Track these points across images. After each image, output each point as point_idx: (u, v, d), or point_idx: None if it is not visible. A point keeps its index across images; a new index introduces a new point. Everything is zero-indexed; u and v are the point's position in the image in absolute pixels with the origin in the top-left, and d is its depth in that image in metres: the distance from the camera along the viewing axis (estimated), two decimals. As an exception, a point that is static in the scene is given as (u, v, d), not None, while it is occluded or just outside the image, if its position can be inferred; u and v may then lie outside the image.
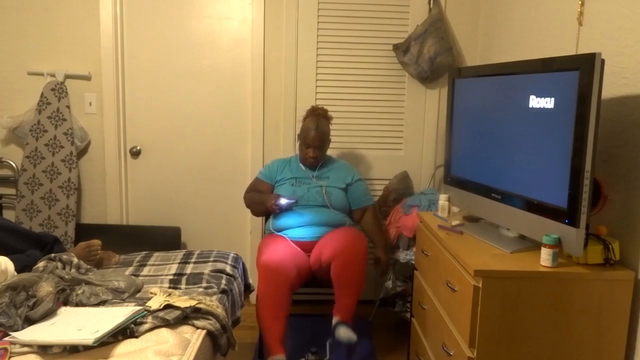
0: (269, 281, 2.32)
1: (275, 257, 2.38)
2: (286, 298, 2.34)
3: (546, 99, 1.68)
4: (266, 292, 2.33)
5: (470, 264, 1.67)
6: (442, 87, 3.14)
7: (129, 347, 1.58)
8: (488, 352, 1.63)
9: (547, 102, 1.68)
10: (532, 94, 1.75)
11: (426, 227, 2.26)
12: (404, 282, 2.89)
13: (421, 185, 3.20)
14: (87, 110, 3.13)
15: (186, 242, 3.29)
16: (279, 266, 2.34)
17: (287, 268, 2.36)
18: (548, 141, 1.67)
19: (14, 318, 1.62)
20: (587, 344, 1.63)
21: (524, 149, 1.80)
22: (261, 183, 2.83)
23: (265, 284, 2.33)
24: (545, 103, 1.69)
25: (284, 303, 2.33)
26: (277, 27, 3.11)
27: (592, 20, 1.91)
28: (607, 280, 1.60)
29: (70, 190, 3.06)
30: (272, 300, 2.32)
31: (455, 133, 2.29)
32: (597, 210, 1.66)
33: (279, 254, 2.40)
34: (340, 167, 2.84)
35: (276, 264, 2.35)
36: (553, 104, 1.65)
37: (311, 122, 2.71)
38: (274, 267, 2.34)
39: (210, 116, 3.21)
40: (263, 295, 2.33)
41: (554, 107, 1.64)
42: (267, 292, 2.32)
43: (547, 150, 1.68)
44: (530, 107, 1.75)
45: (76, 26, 3.06)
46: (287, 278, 2.34)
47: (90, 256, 2.27)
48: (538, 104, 1.72)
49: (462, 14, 3.12)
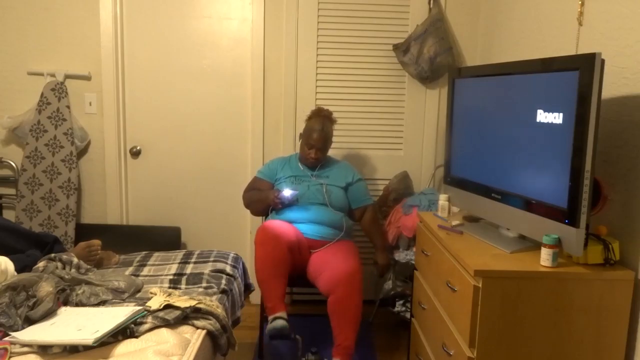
0: (267, 243, 2.36)
1: (273, 223, 2.46)
2: (284, 256, 2.36)
3: (546, 99, 1.68)
4: (264, 252, 2.36)
5: (470, 264, 1.67)
6: (442, 87, 3.14)
7: (129, 347, 1.58)
8: (488, 352, 1.63)
9: (547, 102, 1.68)
10: (532, 94, 1.76)
11: (426, 227, 2.26)
12: (404, 282, 2.89)
13: (421, 185, 3.20)
14: (87, 110, 3.13)
15: (186, 242, 3.29)
16: (276, 230, 2.40)
17: (285, 232, 2.42)
18: (548, 141, 1.67)
19: (14, 318, 1.62)
20: (587, 344, 1.63)
21: (524, 149, 1.80)
22: (261, 182, 2.82)
23: (262, 245, 2.38)
24: (545, 103, 1.69)
25: (282, 262, 2.35)
26: (277, 27, 3.11)
27: (592, 20, 1.91)
28: (607, 280, 1.60)
29: (70, 190, 3.06)
30: (270, 259, 2.34)
31: (455, 133, 2.29)
32: (597, 210, 1.66)
33: (277, 222, 2.48)
34: (340, 167, 2.84)
35: (274, 228, 2.41)
36: (553, 104, 1.65)
37: (316, 122, 2.70)
38: (272, 231, 2.39)
39: (210, 116, 3.21)
40: (261, 256, 2.36)
41: (554, 108, 1.64)
42: (264, 252, 2.36)
43: (547, 150, 1.68)
44: (530, 107, 1.75)
45: (76, 26, 3.06)
46: (285, 240, 2.39)
47: (90, 256, 2.27)
48: (538, 104, 1.72)
49: (462, 14, 3.12)
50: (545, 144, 1.69)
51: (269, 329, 2.24)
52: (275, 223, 2.49)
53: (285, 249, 2.37)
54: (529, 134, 1.76)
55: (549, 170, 1.68)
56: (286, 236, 2.42)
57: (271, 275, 2.33)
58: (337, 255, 2.47)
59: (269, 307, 2.31)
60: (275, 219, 2.65)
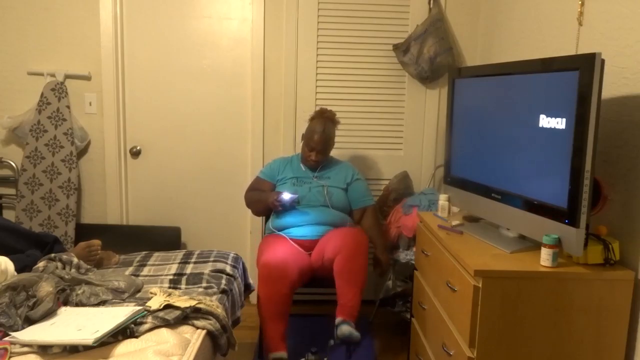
0: (269, 281, 2.32)
1: (275, 256, 2.37)
2: (287, 297, 2.34)
3: (546, 100, 1.68)
4: (267, 292, 2.33)
5: (470, 264, 1.67)
6: (442, 87, 3.14)
7: (129, 347, 1.58)
8: (488, 352, 1.63)
9: (547, 102, 1.68)
10: (532, 95, 1.76)
11: (426, 227, 2.26)
12: (404, 282, 2.89)
13: (421, 185, 3.20)
14: (87, 110, 3.13)
15: (186, 242, 3.29)
16: (279, 265, 2.34)
17: (288, 267, 2.36)
18: (548, 141, 1.67)
19: (14, 318, 1.62)
20: (587, 344, 1.63)
21: (524, 149, 1.80)
22: (262, 182, 2.82)
23: (265, 284, 2.33)
24: (545, 103, 1.69)
25: (285, 302, 2.33)
26: (277, 27, 3.11)
27: (592, 20, 1.91)
28: (607, 280, 1.60)
29: (70, 190, 3.06)
30: (273, 300, 2.32)
31: (455, 133, 2.29)
32: (597, 210, 1.66)
33: (279, 254, 2.40)
34: (341, 167, 2.84)
35: (276, 263, 2.34)
36: (553, 104, 1.65)
37: (318, 124, 2.68)
38: (274, 267, 2.33)
39: (210, 116, 3.21)
40: (264, 295, 2.33)
41: (554, 108, 1.64)
42: (267, 292, 2.32)
43: (547, 150, 1.68)
44: (530, 107, 1.75)
45: (76, 26, 3.06)
46: (287, 277, 2.34)
47: (90, 256, 2.27)
48: (538, 105, 1.72)
49: (462, 14, 3.12)
50: (545, 143, 1.69)
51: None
52: (277, 255, 2.38)
53: (288, 290, 2.35)
54: (529, 134, 1.76)
55: (549, 170, 1.68)
56: (289, 274, 2.35)
57: (272, 316, 2.32)
58: (343, 230, 2.53)
59: (269, 346, 2.31)
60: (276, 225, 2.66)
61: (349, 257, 2.36)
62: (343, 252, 2.36)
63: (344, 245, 2.38)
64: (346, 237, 2.42)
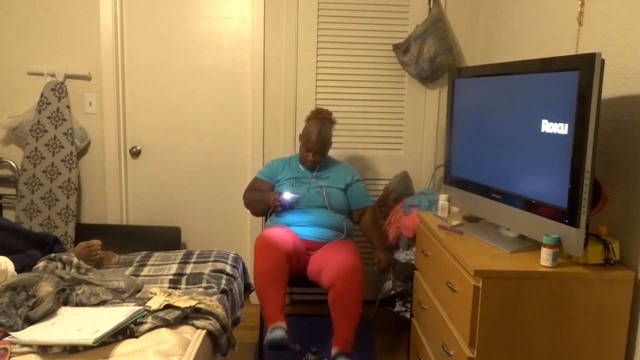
0: (264, 250, 2.36)
1: (272, 232, 2.44)
2: (283, 263, 2.35)
3: (546, 100, 1.68)
4: (263, 261, 2.35)
5: (470, 264, 1.67)
6: (442, 87, 3.14)
7: (129, 347, 1.58)
8: (488, 352, 1.63)
9: (547, 102, 1.68)
10: (532, 95, 1.76)
11: (426, 227, 2.26)
12: (404, 282, 2.89)
13: (421, 185, 3.20)
14: (87, 110, 3.13)
15: (186, 242, 3.29)
16: (275, 239, 2.39)
17: (283, 239, 2.41)
18: (548, 141, 1.67)
19: (14, 318, 1.62)
20: (587, 344, 1.63)
21: (524, 149, 1.80)
22: (261, 182, 2.82)
23: (261, 253, 2.37)
24: (545, 103, 1.69)
25: (281, 269, 2.35)
26: (277, 27, 3.11)
27: (592, 20, 1.91)
28: (607, 280, 1.60)
29: (70, 190, 3.06)
30: (269, 267, 2.34)
31: (455, 133, 2.29)
32: (597, 210, 1.66)
33: (276, 230, 2.47)
34: (340, 168, 2.84)
35: (272, 237, 2.40)
36: (553, 104, 1.65)
37: (314, 125, 2.68)
38: (271, 240, 2.38)
39: (210, 116, 3.21)
40: (260, 265, 2.36)
41: (554, 107, 1.64)
42: (263, 261, 2.35)
43: (547, 150, 1.68)
44: (530, 107, 1.75)
45: (76, 26, 3.06)
46: (282, 246, 2.38)
47: (90, 256, 2.27)
48: (538, 105, 1.72)
49: (462, 14, 3.12)
50: (545, 143, 1.69)
51: (268, 340, 2.24)
52: (273, 231, 2.48)
53: (284, 258, 2.37)
54: (529, 134, 1.76)
55: (549, 170, 1.68)
56: (284, 245, 2.41)
57: (270, 285, 2.32)
58: (338, 252, 2.48)
59: (268, 317, 2.31)
60: (274, 224, 2.66)
61: (343, 291, 2.32)
62: (337, 286, 2.33)
63: (339, 277, 2.33)
64: (341, 267, 2.36)
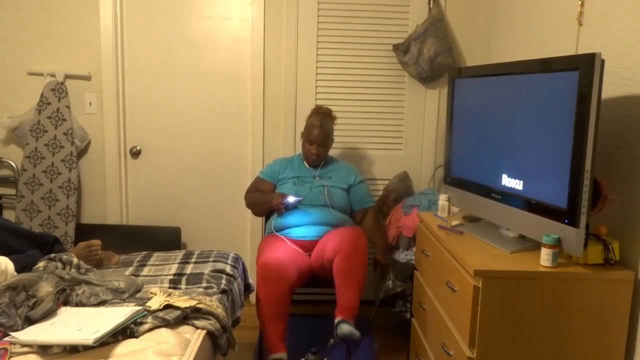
0: (268, 282, 2.32)
1: (273, 257, 2.38)
2: (285, 298, 2.34)
3: (546, 99, 1.68)
4: (265, 292, 2.32)
5: (470, 264, 1.67)
6: (442, 87, 3.14)
7: (129, 347, 1.58)
8: (488, 352, 1.63)
9: (547, 102, 1.68)
10: (532, 94, 1.76)
11: (426, 227, 2.26)
12: (404, 282, 2.89)
13: (421, 185, 3.20)
14: (87, 110, 3.13)
15: (186, 242, 3.29)
16: (277, 266, 2.34)
17: (287, 268, 2.36)
18: (548, 141, 1.67)
19: (14, 318, 1.62)
20: (587, 344, 1.63)
21: (524, 149, 1.80)
22: (263, 182, 2.82)
23: (264, 285, 2.33)
24: (545, 103, 1.69)
25: (283, 303, 2.33)
26: (277, 27, 3.11)
27: (592, 20, 1.91)
28: (607, 280, 1.60)
29: (70, 190, 3.06)
30: (272, 300, 2.32)
31: (455, 133, 2.29)
32: (597, 210, 1.66)
33: (277, 254, 2.40)
34: (343, 168, 2.84)
35: (274, 264, 2.35)
36: (553, 104, 1.65)
37: (315, 119, 2.72)
38: (272, 267, 2.34)
39: (210, 116, 3.21)
40: (263, 296, 2.33)
41: (554, 108, 1.64)
42: (266, 292, 2.32)
43: (547, 150, 1.68)
44: (530, 107, 1.75)
45: (76, 26, 3.06)
46: (285, 278, 2.34)
47: (90, 256, 2.27)
48: (538, 104, 1.72)
49: (462, 14, 3.12)
50: (545, 143, 1.69)
51: None
52: (275, 257, 2.39)
53: (287, 292, 2.35)
54: (529, 134, 1.76)
55: (548, 170, 1.68)
56: (287, 277, 2.35)
57: (272, 316, 2.31)
58: (340, 230, 2.52)
59: (269, 347, 2.31)
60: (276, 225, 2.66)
61: (348, 257, 2.36)
62: (342, 252, 2.36)
63: (343, 246, 2.38)
64: (345, 237, 2.42)
